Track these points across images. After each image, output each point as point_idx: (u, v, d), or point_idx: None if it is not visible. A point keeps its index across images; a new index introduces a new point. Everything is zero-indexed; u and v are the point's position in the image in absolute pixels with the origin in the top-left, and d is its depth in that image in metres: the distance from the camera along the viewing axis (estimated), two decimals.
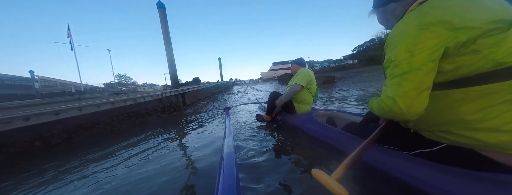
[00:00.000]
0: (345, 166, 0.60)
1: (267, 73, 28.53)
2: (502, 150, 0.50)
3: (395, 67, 0.57)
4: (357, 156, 0.66)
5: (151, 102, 3.68)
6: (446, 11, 0.51)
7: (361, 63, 14.18)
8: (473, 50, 0.49)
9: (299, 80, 1.77)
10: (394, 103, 0.56)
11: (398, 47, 0.56)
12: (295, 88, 1.77)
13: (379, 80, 6.22)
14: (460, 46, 0.50)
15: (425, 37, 0.52)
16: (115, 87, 28.71)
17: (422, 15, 0.53)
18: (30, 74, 20.18)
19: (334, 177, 0.56)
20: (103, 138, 2.31)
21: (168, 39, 6.31)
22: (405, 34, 0.56)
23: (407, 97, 0.54)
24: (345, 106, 3.07)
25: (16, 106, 4.17)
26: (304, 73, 1.80)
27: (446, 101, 0.56)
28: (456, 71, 0.52)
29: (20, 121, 1.80)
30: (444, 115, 0.57)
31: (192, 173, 1.16)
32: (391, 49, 0.60)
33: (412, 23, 0.55)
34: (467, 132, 0.53)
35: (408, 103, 0.54)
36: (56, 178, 1.28)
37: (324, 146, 1.29)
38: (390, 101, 0.57)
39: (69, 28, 17.00)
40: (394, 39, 0.59)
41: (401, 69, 0.55)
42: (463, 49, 0.50)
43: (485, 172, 0.55)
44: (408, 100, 0.54)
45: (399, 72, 0.55)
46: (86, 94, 12.36)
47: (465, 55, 0.50)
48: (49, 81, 23.85)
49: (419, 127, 0.66)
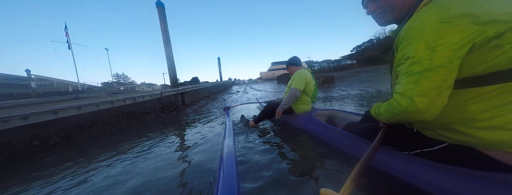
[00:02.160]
0: (352, 180, 0.57)
1: (266, 73, 28.49)
2: (506, 148, 0.50)
3: (413, 64, 0.52)
4: (363, 167, 0.62)
5: (150, 102, 3.66)
6: (471, 3, 0.46)
7: (359, 64, 14.24)
8: (496, 45, 0.45)
9: (296, 84, 1.77)
10: (410, 102, 0.52)
11: (416, 43, 0.52)
12: (294, 93, 1.76)
13: (377, 81, 6.26)
14: (486, 42, 0.46)
15: (446, 31, 0.47)
16: (113, 87, 28.48)
17: (444, 7, 0.49)
18: (27, 73, 19.95)
19: (343, 194, 0.52)
20: (102, 138, 2.30)
21: (167, 39, 6.28)
22: (424, 28, 0.51)
23: (427, 96, 0.50)
24: (345, 106, 3.08)
25: (12, 105, 4.12)
26: (300, 76, 1.79)
27: (455, 100, 0.54)
28: (472, 68, 0.49)
29: (18, 120, 1.78)
30: (452, 114, 0.55)
31: (192, 173, 1.15)
32: (406, 45, 0.55)
33: (432, 17, 0.50)
34: (473, 131, 0.52)
35: (427, 103, 0.50)
36: (55, 179, 1.27)
37: (324, 146, 1.30)
38: (405, 101, 0.53)
39: (66, 27, 16.82)
40: (411, 34, 0.54)
41: (421, 66, 0.50)
42: (485, 44, 0.46)
43: (486, 171, 0.55)
44: (427, 100, 0.50)
45: (418, 70, 0.51)
46: (84, 94, 12.24)
47: (486, 51, 0.47)
48: (46, 80, 23.60)
49: (423, 126, 0.65)
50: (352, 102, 3.37)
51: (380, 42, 21.66)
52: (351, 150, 1.08)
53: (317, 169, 1.05)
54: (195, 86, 7.47)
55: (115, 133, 2.50)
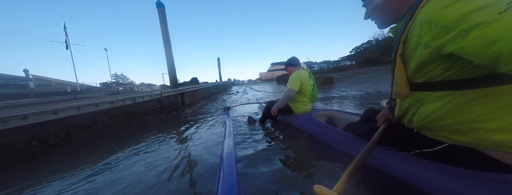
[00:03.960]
0: (346, 178, 0.58)
1: (265, 74, 28.53)
2: (508, 149, 0.49)
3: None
4: (358, 166, 0.63)
5: (150, 102, 3.66)
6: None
7: (358, 65, 14.32)
8: None
9: (291, 85, 1.78)
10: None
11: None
12: (289, 93, 1.78)
13: (377, 82, 6.29)
14: None
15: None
16: (111, 87, 28.36)
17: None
18: (24, 73, 19.83)
19: (337, 191, 0.54)
20: (102, 138, 2.29)
21: (167, 39, 6.28)
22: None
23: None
24: (345, 106, 3.10)
25: (9, 105, 4.10)
26: (295, 77, 1.80)
27: (459, 101, 0.53)
28: (480, 67, 0.48)
29: (17, 120, 1.77)
30: (454, 115, 0.55)
31: (192, 173, 1.16)
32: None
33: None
34: (476, 132, 0.52)
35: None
36: (55, 179, 1.27)
37: (324, 146, 1.30)
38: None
39: (65, 26, 16.78)
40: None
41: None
42: None
43: (486, 172, 0.55)
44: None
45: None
46: (82, 94, 12.20)
47: None
48: (44, 81, 23.48)
49: (427, 126, 0.64)
50: (352, 103, 3.38)
51: (379, 44, 21.78)
52: (351, 151, 1.09)
53: (317, 169, 1.05)
54: (195, 86, 7.47)
55: (114, 134, 2.50)
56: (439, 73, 0.56)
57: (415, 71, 0.61)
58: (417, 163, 0.72)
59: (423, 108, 0.62)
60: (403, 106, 0.71)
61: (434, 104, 0.59)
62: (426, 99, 0.62)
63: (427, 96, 0.61)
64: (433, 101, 0.59)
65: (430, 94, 0.60)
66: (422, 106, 0.63)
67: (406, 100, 0.69)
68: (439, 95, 0.58)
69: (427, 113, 0.61)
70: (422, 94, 0.63)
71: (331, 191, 0.52)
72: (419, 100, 0.64)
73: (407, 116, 0.70)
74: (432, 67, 0.56)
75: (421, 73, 0.60)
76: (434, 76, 0.58)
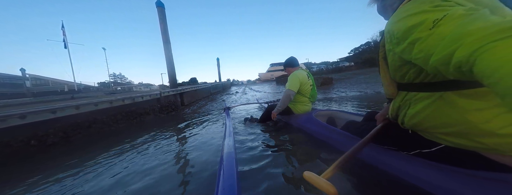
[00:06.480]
0: (336, 166, 0.61)
1: (265, 74, 28.54)
2: (503, 153, 0.49)
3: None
4: (350, 156, 0.66)
5: (149, 102, 3.65)
6: None
7: (357, 66, 14.39)
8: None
9: (290, 85, 1.78)
10: None
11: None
12: (288, 94, 1.78)
13: (375, 82, 6.33)
14: None
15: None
16: (110, 87, 28.19)
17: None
18: (21, 72, 19.62)
19: (324, 176, 0.57)
20: (101, 138, 2.28)
21: (167, 38, 6.26)
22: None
23: None
24: (344, 107, 3.11)
25: (5, 105, 4.05)
26: (294, 77, 1.80)
27: (444, 102, 0.53)
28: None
29: (16, 119, 1.76)
30: (438, 116, 0.55)
31: (192, 173, 1.15)
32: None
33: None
34: (466, 135, 0.52)
35: None
36: (53, 179, 1.26)
37: (324, 146, 1.31)
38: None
39: (63, 26, 16.66)
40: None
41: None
42: None
43: (486, 171, 0.55)
44: None
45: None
46: (80, 93, 12.09)
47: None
48: (41, 80, 23.23)
49: (417, 128, 0.66)
50: (352, 104, 3.40)
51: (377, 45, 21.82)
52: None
53: (317, 169, 1.06)
54: (194, 86, 7.45)
55: (113, 133, 2.48)
56: (414, 76, 0.59)
57: (394, 73, 0.66)
58: (418, 163, 0.73)
59: (411, 109, 0.64)
60: (394, 106, 0.73)
61: (419, 105, 0.60)
62: (412, 99, 0.63)
63: (413, 97, 0.63)
64: (419, 102, 0.61)
65: (416, 95, 0.62)
66: (410, 107, 0.64)
67: (396, 100, 0.71)
68: (423, 96, 0.59)
69: (413, 114, 0.63)
70: (409, 95, 0.64)
71: (319, 176, 0.55)
72: (408, 100, 0.65)
73: (400, 117, 0.71)
74: (406, 69, 0.61)
75: (400, 75, 0.64)
76: (411, 78, 0.61)
